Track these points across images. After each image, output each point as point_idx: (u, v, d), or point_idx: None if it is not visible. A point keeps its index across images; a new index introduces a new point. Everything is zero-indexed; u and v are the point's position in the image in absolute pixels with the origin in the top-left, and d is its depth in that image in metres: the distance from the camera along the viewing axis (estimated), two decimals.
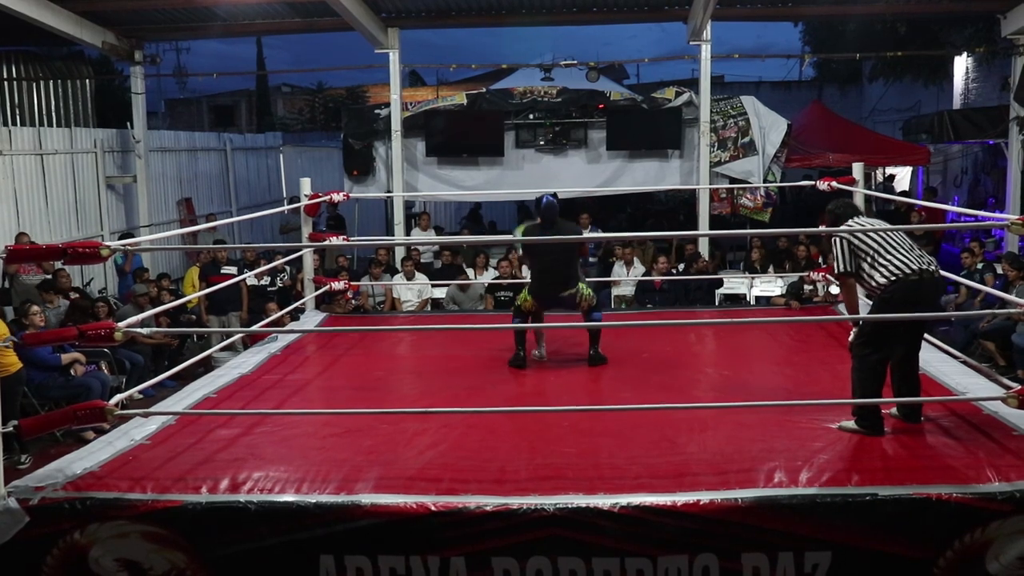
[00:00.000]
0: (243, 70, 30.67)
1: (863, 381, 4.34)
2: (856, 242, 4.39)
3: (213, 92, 28.90)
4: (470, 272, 10.73)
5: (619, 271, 10.51)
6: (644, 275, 10.08)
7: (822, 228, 7.27)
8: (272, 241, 15.26)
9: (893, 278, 4.27)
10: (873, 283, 4.34)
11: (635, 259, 10.63)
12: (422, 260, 11.44)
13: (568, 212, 14.70)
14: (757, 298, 10.04)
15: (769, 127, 11.79)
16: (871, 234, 4.39)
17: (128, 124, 12.65)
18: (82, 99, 14.22)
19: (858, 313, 4.66)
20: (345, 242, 7.93)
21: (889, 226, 4.80)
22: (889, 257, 4.31)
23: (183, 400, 5.21)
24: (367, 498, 3.66)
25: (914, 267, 4.27)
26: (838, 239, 4.46)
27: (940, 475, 3.70)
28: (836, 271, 4.51)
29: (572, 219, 12.24)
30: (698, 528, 3.53)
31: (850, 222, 4.52)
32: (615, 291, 10.47)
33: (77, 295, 9.18)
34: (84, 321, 7.35)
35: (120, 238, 10.66)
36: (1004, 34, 11.23)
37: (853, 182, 7.35)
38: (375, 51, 11.69)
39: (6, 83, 13.02)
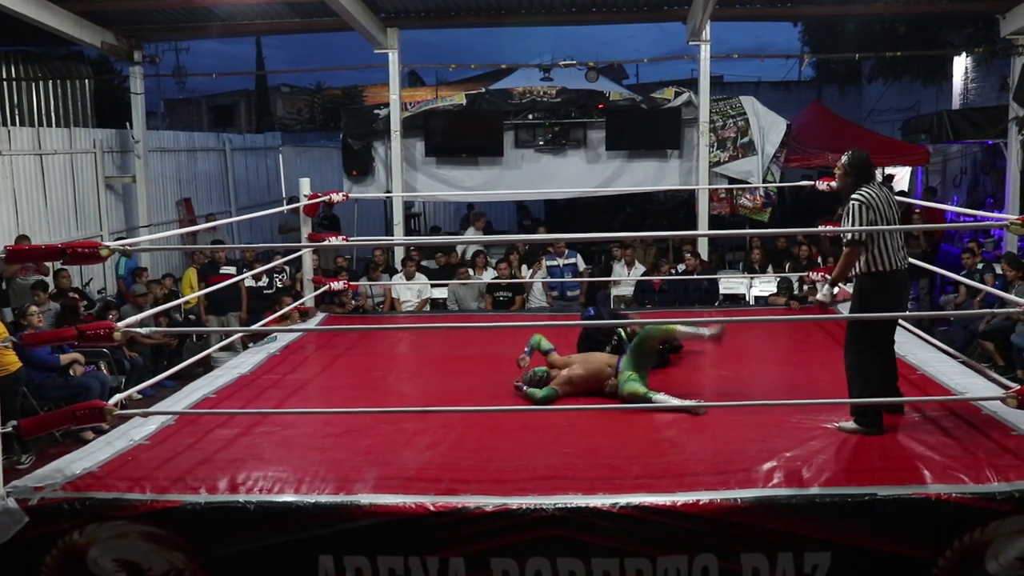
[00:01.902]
0: (242, 70, 30.67)
1: (864, 378, 4.34)
2: (875, 216, 4.30)
3: (212, 92, 28.89)
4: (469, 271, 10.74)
5: (619, 271, 10.51)
6: (644, 275, 10.08)
7: (821, 228, 7.30)
8: (271, 241, 15.24)
9: (885, 268, 4.30)
10: (863, 264, 4.32)
11: (635, 260, 10.63)
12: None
13: (568, 212, 14.81)
14: (756, 298, 10.04)
15: (768, 127, 11.79)
16: (887, 215, 4.34)
17: (127, 124, 12.64)
18: (81, 99, 14.21)
19: (843, 280, 4.56)
20: (344, 242, 7.92)
21: (899, 201, 4.73)
22: (891, 246, 4.32)
23: (182, 400, 5.21)
24: (366, 498, 3.67)
25: (902, 262, 4.37)
26: (861, 204, 4.29)
27: (939, 475, 3.70)
28: (849, 237, 4.29)
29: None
30: (697, 528, 3.53)
31: (866, 189, 4.36)
32: (614, 291, 10.48)
33: (76, 295, 9.18)
34: (74, 322, 7.36)
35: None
36: (1003, 34, 11.23)
37: None
38: (374, 51, 11.69)
39: (5, 83, 13.02)
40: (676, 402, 4.85)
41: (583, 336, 5.90)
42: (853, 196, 4.35)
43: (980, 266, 9.54)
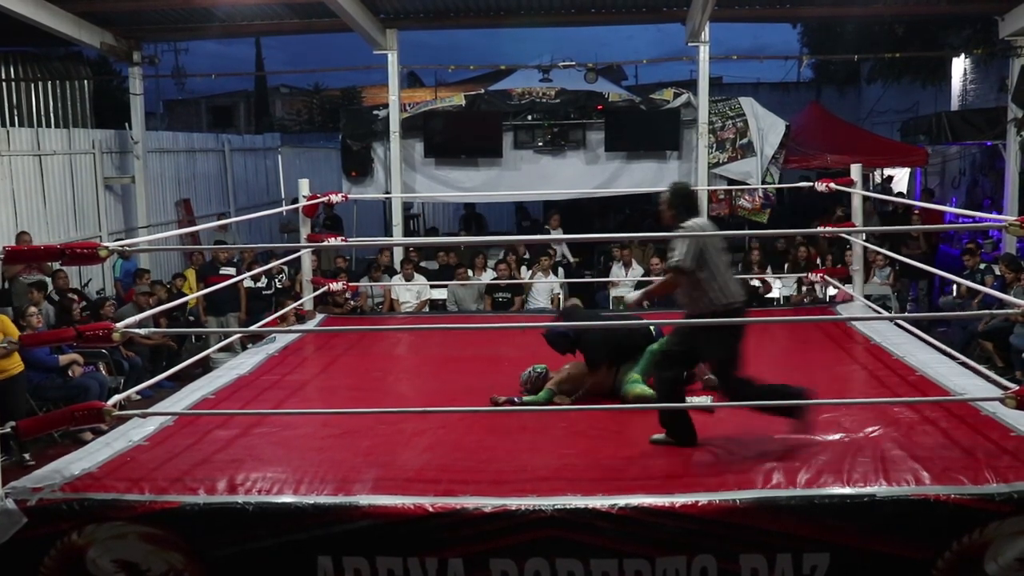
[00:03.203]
0: (241, 71, 30.66)
1: (667, 397, 4.30)
2: (710, 249, 4.18)
3: (211, 93, 28.88)
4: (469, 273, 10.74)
5: (617, 272, 10.52)
6: (643, 276, 10.08)
7: (820, 229, 7.32)
8: (271, 242, 15.22)
9: (727, 302, 4.20)
10: (704, 298, 4.19)
11: (633, 260, 10.63)
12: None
13: (567, 213, 14.83)
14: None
15: (767, 128, 11.80)
16: (716, 248, 4.24)
17: (126, 125, 12.64)
18: (80, 100, 14.21)
19: (650, 298, 4.57)
20: (343, 243, 7.92)
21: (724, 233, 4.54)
22: (726, 278, 4.25)
23: (181, 401, 5.21)
24: (365, 499, 3.66)
25: (741, 296, 4.32)
26: (692, 236, 4.19)
27: (938, 476, 3.70)
28: (674, 263, 4.15)
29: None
30: (696, 529, 3.53)
31: (697, 222, 4.30)
32: (613, 292, 10.48)
33: (75, 296, 9.18)
34: (69, 323, 7.37)
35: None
36: (1002, 35, 11.24)
37: (851, 183, 7.36)
38: (373, 52, 11.69)
39: (4, 84, 13.01)
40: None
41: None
42: (683, 225, 4.26)
43: (983, 267, 9.53)
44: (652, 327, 5.30)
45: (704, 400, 4.86)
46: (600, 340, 5.09)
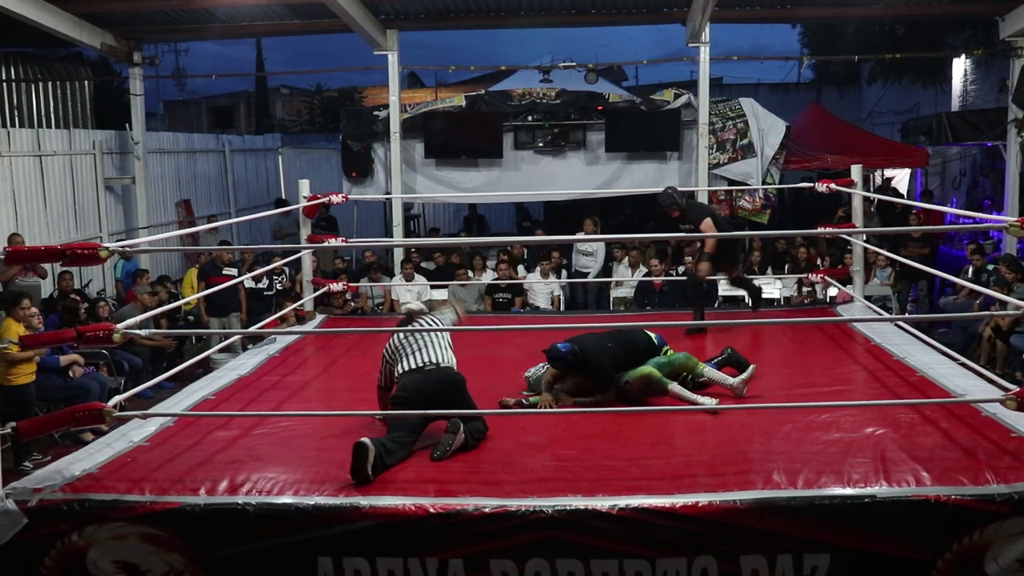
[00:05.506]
0: (242, 72, 30.64)
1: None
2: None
3: (212, 94, 28.86)
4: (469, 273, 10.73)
5: (620, 272, 10.51)
6: (643, 277, 10.08)
7: (820, 230, 7.32)
8: (270, 243, 15.20)
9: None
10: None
11: (629, 260, 10.63)
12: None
13: (568, 214, 14.85)
14: None
15: (768, 129, 11.80)
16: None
17: (127, 126, 12.64)
18: (81, 101, 14.21)
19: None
20: (343, 243, 7.91)
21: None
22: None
23: (181, 402, 5.20)
24: (365, 500, 3.66)
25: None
26: None
27: (939, 477, 3.69)
28: None
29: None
30: (697, 530, 3.53)
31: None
32: (614, 293, 10.48)
33: (77, 297, 9.18)
34: (74, 324, 7.37)
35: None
36: (1003, 36, 11.24)
37: (851, 184, 7.36)
38: (374, 53, 11.69)
39: (5, 85, 13.01)
40: (688, 395, 4.86)
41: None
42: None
43: (991, 267, 9.50)
44: (654, 336, 5.28)
45: (708, 401, 4.85)
46: (607, 366, 4.98)
